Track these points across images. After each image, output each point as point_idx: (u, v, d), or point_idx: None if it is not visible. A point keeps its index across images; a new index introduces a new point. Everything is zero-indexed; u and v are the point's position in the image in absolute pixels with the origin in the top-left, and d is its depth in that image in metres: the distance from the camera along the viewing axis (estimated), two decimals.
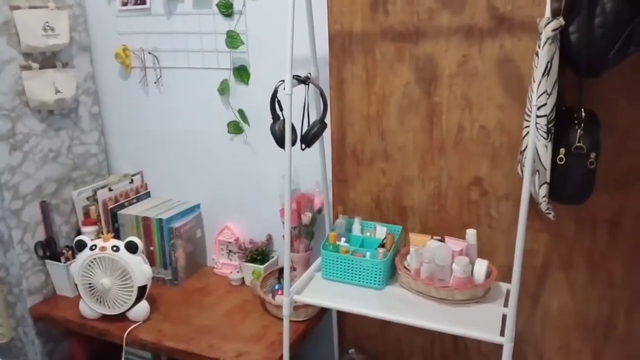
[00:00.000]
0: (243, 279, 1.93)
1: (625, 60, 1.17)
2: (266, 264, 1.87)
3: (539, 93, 1.15)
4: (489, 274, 1.44)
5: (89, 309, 1.74)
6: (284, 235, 1.50)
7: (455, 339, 1.75)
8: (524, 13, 1.39)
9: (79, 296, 1.75)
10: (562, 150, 1.22)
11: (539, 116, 1.17)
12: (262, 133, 1.80)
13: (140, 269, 1.69)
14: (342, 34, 1.61)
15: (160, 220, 1.89)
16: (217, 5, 1.76)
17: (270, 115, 1.46)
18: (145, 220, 1.91)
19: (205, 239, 2.07)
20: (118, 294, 1.70)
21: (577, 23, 1.15)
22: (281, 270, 1.82)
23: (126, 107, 2.06)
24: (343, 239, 1.60)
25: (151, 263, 1.81)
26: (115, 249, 1.68)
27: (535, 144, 1.20)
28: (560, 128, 1.23)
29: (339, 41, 1.62)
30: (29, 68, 1.75)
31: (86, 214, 1.96)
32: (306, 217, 1.73)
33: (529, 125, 1.23)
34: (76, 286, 1.74)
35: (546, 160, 1.21)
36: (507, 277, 1.40)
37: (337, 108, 1.69)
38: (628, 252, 1.46)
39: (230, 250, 2.00)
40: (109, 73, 2.04)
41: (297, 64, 1.37)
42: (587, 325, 1.57)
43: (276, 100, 1.45)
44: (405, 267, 1.50)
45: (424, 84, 1.55)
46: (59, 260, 1.86)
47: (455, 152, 1.58)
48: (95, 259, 1.68)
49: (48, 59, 1.83)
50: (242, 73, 1.80)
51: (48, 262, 1.87)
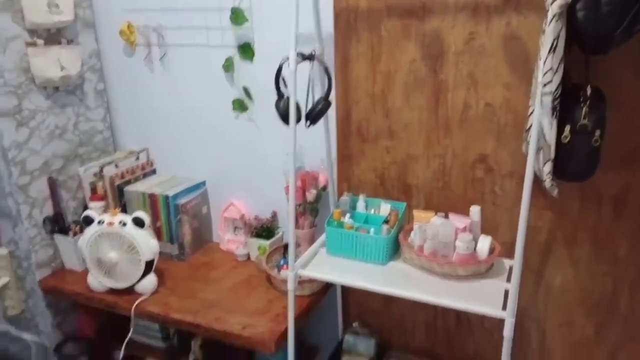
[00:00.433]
0: (248, 254, 1.95)
1: (632, 38, 1.15)
2: (271, 240, 1.89)
3: (545, 70, 1.14)
4: (492, 250, 1.45)
5: (97, 282, 1.77)
6: (288, 212, 1.51)
7: (458, 314, 1.78)
8: None
9: (87, 270, 1.78)
10: (567, 128, 1.22)
11: (544, 93, 1.16)
12: (267, 110, 1.79)
13: (147, 244, 1.72)
14: (348, 11, 1.60)
15: (166, 197, 1.91)
16: None
17: (274, 93, 1.46)
18: (152, 196, 1.93)
19: (211, 216, 2.09)
20: (126, 268, 1.72)
21: (584, 0, 1.14)
22: (286, 246, 1.84)
23: (131, 84, 2.06)
24: (347, 216, 1.61)
25: (158, 238, 1.83)
26: (122, 223, 1.70)
27: (540, 121, 1.20)
28: (565, 105, 1.23)
29: (344, 18, 1.61)
30: (34, 45, 1.75)
31: (93, 189, 1.98)
32: (311, 195, 1.74)
33: (534, 104, 1.23)
34: (84, 260, 1.77)
35: (551, 137, 1.21)
36: (511, 254, 1.41)
37: (342, 85, 1.68)
38: (633, 229, 1.47)
39: (235, 227, 2.02)
40: (113, 50, 2.03)
41: (302, 41, 1.37)
42: (590, 302, 1.58)
43: (281, 77, 1.44)
44: (408, 243, 1.52)
45: (430, 61, 1.54)
46: (67, 235, 1.89)
47: (460, 130, 1.57)
48: (103, 233, 1.70)
49: (53, 36, 1.82)
50: (247, 50, 1.79)
51: (56, 237, 1.90)
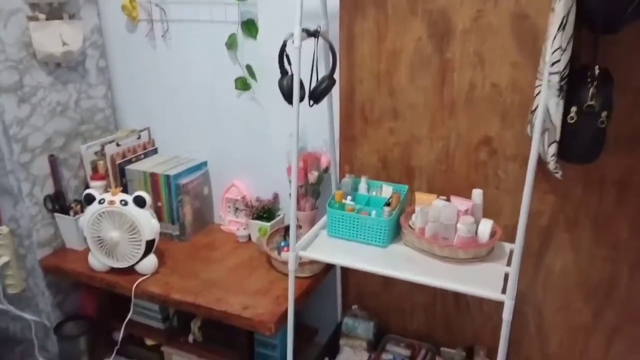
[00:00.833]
0: (249, 236, 1.95)
1: None
2: (272, 221, 1.89)
3: (554, 49, 1.12)
4: (493, 234, 1.44)
5: (97, 261, 1.77)
6: (290, 194, 1.51)
7: (456, 297, 1.77)
8: None
9: (87, 249, 1.78)
10: (574, 109, 1.20)
11: (552, 73, 1.14)
12: (270, 90, 1.78)
13: (148, 223, 1.71)
14: None
15: (167, 177, 1.90)
16: None
17: (277, 72, 1.44)
18: (153, 176, 1.92)
19: (212, 196, 2.09)
20: (126, 248, 1.72)
21: None
22: (287, 228, 1.84)
23: (133, 61, 2.04)
24: (349, 198, 1.60)
25: (159, 218, 1.83)
26: (123, 203, 1.69)
27: (547, 102, 1.18)
28: (572, 86, 1.21)
29: None
30: (36, 19, 1.73)
31: (94, 168, 1.97)
32: (312, 176, 1.73)
33: (541, 84, 1.21)
34: (85, 239, 1.76)
35: (557, 118, 1.20)
36: (512, 238, 1.40)
37: (347, 64, 1.66)
38: (635, 214, 1.46)
39: (237, 208, 2.02)
40: (115, 26, 2.01)
41: (307, 17, 1.34)
42: (589, 286, 1.58)
43: (285, 54, 1.42)
44: (410, 226, 1.51)
45: (436, 40, 1.52)
46: (67, 214, 1.88)
47: (465, 111, 1.56)
48: (104, 212, 1.70)
49: (54, 10, 1.80)
50: (251, 27, 1.76)
51: (57, 215, 1.90)
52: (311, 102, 1.47)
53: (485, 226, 1.43)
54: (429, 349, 1.81)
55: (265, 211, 1.92)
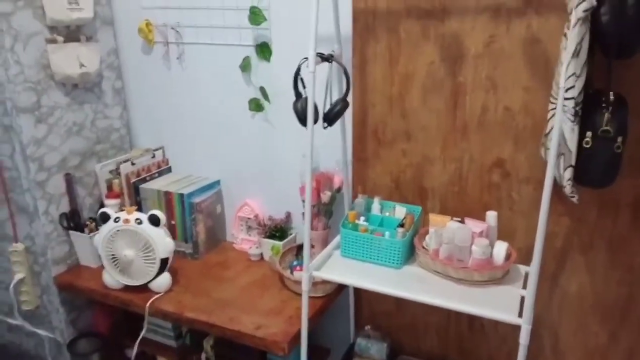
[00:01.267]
0: (262, 254, 1.96)
1: None
2: (285, 240, 1.89)
3: (568, 75, 1.13)
4: (508, 256, 1.44)
5: (112, 279, 1.78)
6: (303, 213, 1.51)
7: (471, 319, 1.76)
8: None
9: (102, 267, 1.79)
10: (589, 134, 1.21)
11: (566, 98, 1.15)
12: (283, 111, 1.80)
13: (162, 242, 1.72)
14: (366, 12, 1.59)
15: (181, 195, 1.92)
16: None
17: (291, 93, 1.46)
18: (167, 194, 1.94)
19: (225, 215, 2.10)
20: (141, 266, 1.73)
21: (609, 3, 1.13)
22: (299, 247, 1.84)
23: (148, 83, 2.07)
24: (362, 218, 1.61)
25: (173, 237, 1.84)
26: (138, 221, 1.71)
27: (562, 127, 1.18)
28: (587, 111, 1.21)
29: (363, 19, 1.60)
30: (54, 41, 1.77)
31: (109, 187, 1.99)
32: (325, 196, 1.73)
33: (554, 108, 1.21)
34: (100, 257, 1.78)
35: (572, 143, 1.20)
36: (527, 260, 1.40)
37: (360, 87, 1.68)
38: None
39: (249, 226, 2.02)
40: (131, 48, 2.05)
41: (320, 41, 1.36)
42: (605, 309, 1.57)
43: (299, 78, 1.44)
44: (424, 247, 1.51)
45: (448, 64, 1.53)
46: (82, 232, 1.90)
47: (478, 134, 1.56)
48: (118, 230, 1.71)
49: (72, 33, 1.84)
50: (264, 50, 1.79)
51: (72, 233, 1.91)
52: (325, 125, 1.48)
53: (501, 248, 1.43)
54: None
55: (278, 230, 1.92)
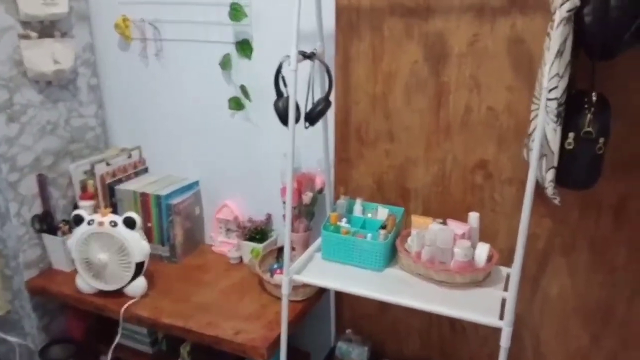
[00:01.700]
0: (241, 257, 1.92)
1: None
2: (265, 243, 1.86)
3: (551, 75, 1.12)
4: (490, 258, 1.43)
5: (85, 284, 1.73)
6: (284, 215, 1.48)
7: (452, 321, 1.75)
8: None
9: (75, 271, 1.74)
10: (571, 135, 1.20)
11: (549, 99, 1.14)
12: (264, 109, 1.77)
13: (138, 245, 1.68)
14: (350, 9, 1.57)
15: (158, 197, 1.87)
16: None
17: (272, 92, 1.43)
18: (144, 196, 1.89)
19: (203, 217, 2.06)
20: (115, 270, 1.68)
21: (593, 3, 1.12)
22: (280, 250, 1.81)
23: (125, 80, 2.02)
24: (344, 220, 1.58)
25: (149, 239, 1.79)
26: (113, 224, 1.66)
27: (544, 128, 1.17)
28: (570, 112, 1.21)
29: (346, 16, 1.58)
30: (28, 37, 1.71)
31: (83, 188, 1.93)
32: (307, 197, 1.71)
33: (537, 109, 1.20)
34: (73, 261, 1.72)
35: (554, 144, 1.19)
36: (508, 261, 1.39)
37: (342, 86, 1.65)
38: (632, 238, 1.45)
39: (228, 229, 1.98)
40: (108, 44, 1.99)
41: (302, 39, 1.34)
42: (586, 311, 1.57)
43: (280, 76, 1.41)
44: (406, 250, 1.49)
45: (432, 63, 1.52)
46: (55, 234, 1.84)
47: (461, 134, 1.55)
48: (92, 233, 1.66)
49: (46, 29, 1.78)
50: (245, 47, 1.75)
51: (45, 236, 1.86)
52: (307, 124, 1.46)
53: (482, 250, 1.41)
54: None
55: (258, 232, 1.89)
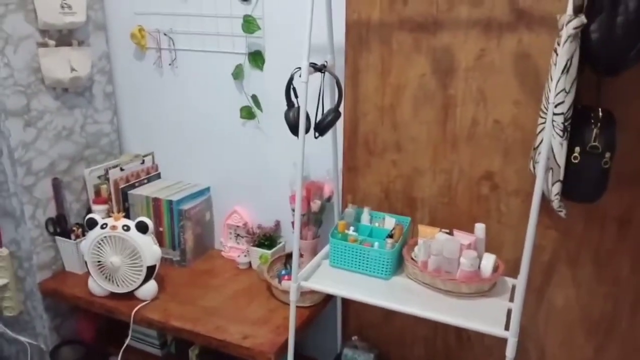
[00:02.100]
0: (250, 263, 1.95)
1: None
2: (273, 249, 1.88)
3: (557, 91, 1.14)
4: (496, 269, 1.45)
5: (97, 286, 1.76)
6: (293, 222, 1.51)
7: (458, 331, 1.76)
8: (543, 8, 1.38)
9: (87, 273, 1.77)
10: (577, 149, 1.22)
11: (555, 114, 1.16)
12: (275, 119, 1.80)
13: (149, 249, 1.71)
14: (360, 23, 1.60)
15: (170, 202, 1.90)
16: None
17: (283, 102, 1.46)
18: (156, 201, 1.93)
19: (214, 222, 2.09)
20: (127, 273, 1.72)
21: (599, 21, 1.14)
22: (288, 256, 1.84)
23: (140, 88, 2.06)
24: (352, 228, 1.61)
25: (160, 243, 1.83)
26: (125, 228, 1.69)
27: (550, 142, 1.20)
28: (576, 126, 1.23)
29: (356, 30, 1.61)
30: (46, 45, 1.76)
31: (97, 192, 1.97)
32: (315, 205, 1.73)
33: (543, 122, 1.22)
34: (86, 263, 1.75)
35: (561, 158, 1.21)
36: (514, 272, 1.41)
37: (351, 97, 1.68)
38: (636, 250, 1.46)
39: (238, 234, 2.01)
40: (124, 53, 2.04)
41: (313, 51, 1.37)
42: (591, 322, 1.58)
43: (291, 87, 1.45)
44: (412, 259, 1.51)
45: (440, 76, 1.55)
46: (69, 237, 1.88)
47: (467, 146, 1.57)
48: (105, 237, 1.70)
49: (64, 37, 1.83)
50: (257, 58, 1.79)
51: (58, 239, 1.89)
52: (316, 134, 1.49)
53: (488, 261, 1.43)
54: None
55: (267, 238, 1.92)
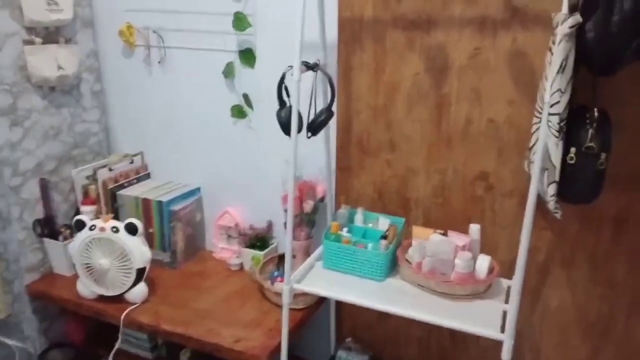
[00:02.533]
0: (242, 264, 1.92)
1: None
2: (266, 250, 1.86)
3: (553, 90, 1.13)
4: (491, 270, 1.43)
5: (86, 288, 1.73)
6: (285, 223, 1.49)
7: (453, 332, 1.73)
8: (538, 6, 1.37)
9: (76, 275, 1.74)
10: (573, 150, 1.21)
11: (551, 114, 1.15)
12: (266, 118, 1.77)
13: (139, 251, 1.68)
14: (353, 21, 1.58)
15: (160, 203, 1.88)
16: None
17: (274, 100, 1.43)
18: (145, 201, 1.90)
19: (204, 223, 2.06)
20: (116, 275, 1.69)
21: (594, 20, 1.13)
22: (280, 257, 1.81)
23: (128, 86, 2.03)
24: (345, 229, 1.59)
25: (150, 245, 1.80)
26: (114, 229, 1.66)
27: (546, 142, 1.18)
28: (571, 127, 1.21)
29: (349, 28, 1.59)
30: (32, 43, 1.72)
31: (85, 193, 1.94)
32: (308, 205, 1.71)
33: (538, 122, 1.21)
34: (74, 265, 1.73)
35: (556, 158, 1.20)
36: (509, 273, 1.40)
37: (344, 96, 1.66)
38: (632, 252, 1.46)
39: (229, 235, 1.99)
40: (112, 51, 2.00)
41: (305, 49, 1.35)
42: (586, 323, 1.57)
43: (283, 86, 1.42)
44: (407, 260, 1.49)
45: (434, 75, 1.53)
46: (57, 239, 1.85)
47: (462, 145, 1.56)
48: (94, 239, 1.67)
49: (51, 34, 1.79)
50: (248, 56, 1.76)
51: (46, 240, 1.86)
52: (309, 134, 1.46)
53: (483, 262, 1.42)
54: None
55: (259, 239, 1.89)
